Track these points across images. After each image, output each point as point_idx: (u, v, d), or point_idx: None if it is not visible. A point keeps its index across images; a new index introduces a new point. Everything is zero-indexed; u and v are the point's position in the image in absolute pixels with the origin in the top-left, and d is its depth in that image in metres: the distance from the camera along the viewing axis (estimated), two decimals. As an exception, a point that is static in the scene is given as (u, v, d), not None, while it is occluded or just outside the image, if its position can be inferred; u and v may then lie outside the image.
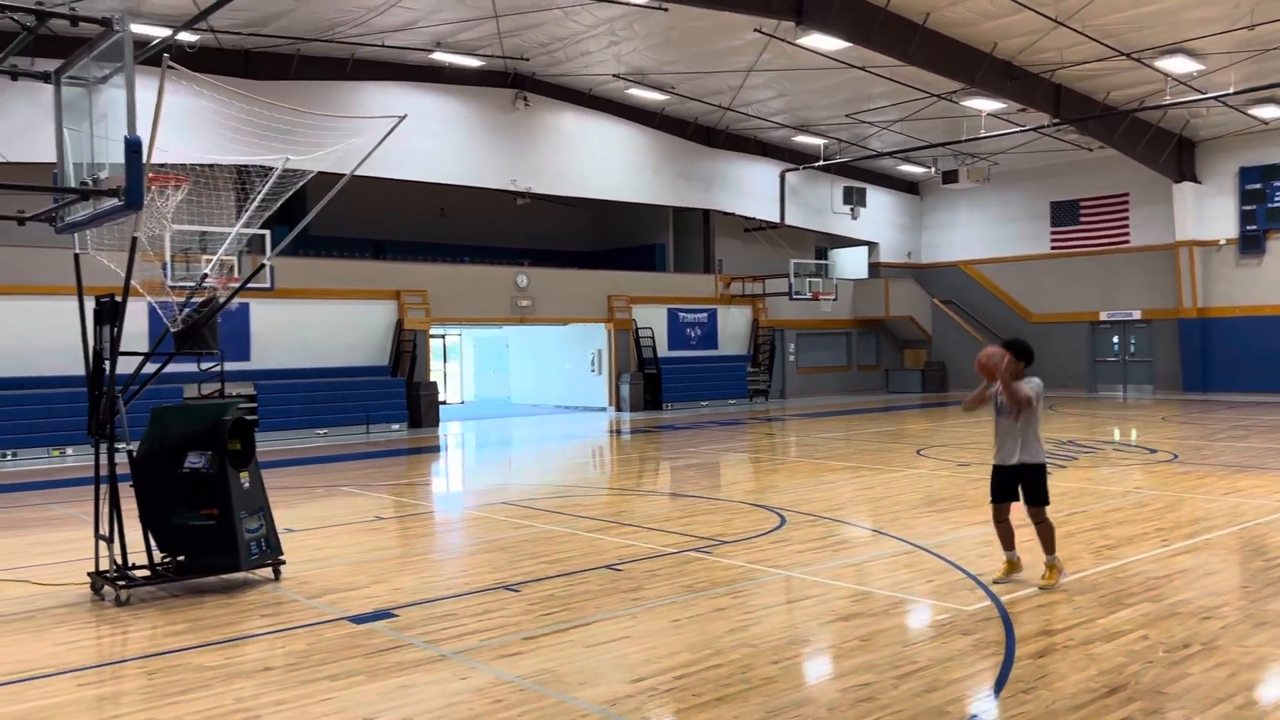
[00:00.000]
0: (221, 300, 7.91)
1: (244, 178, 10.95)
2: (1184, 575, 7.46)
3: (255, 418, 20.52)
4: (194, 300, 8.48)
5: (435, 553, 9.11)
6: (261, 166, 9.91)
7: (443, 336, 31.40)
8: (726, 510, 10.88)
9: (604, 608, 6.90)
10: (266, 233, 19.83)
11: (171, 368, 20.06)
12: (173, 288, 8.68)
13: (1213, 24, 19.77)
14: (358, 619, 6.73)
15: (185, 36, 18.71)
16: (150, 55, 17.89)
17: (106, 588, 7.37)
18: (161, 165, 8.96)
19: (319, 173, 9.79)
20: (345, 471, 15.17)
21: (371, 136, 24.22)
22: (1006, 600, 6.80)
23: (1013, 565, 7.32)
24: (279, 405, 20.82)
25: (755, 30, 20.75)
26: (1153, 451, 15.49)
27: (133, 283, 7.82)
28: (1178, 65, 21.69)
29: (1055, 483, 12.13)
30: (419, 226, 28.36)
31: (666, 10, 19.58)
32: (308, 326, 22.03)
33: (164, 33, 17.51)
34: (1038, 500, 7.16)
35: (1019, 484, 7.20)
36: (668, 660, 5.72)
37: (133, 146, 6.56)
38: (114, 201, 6.81)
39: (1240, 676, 5.24)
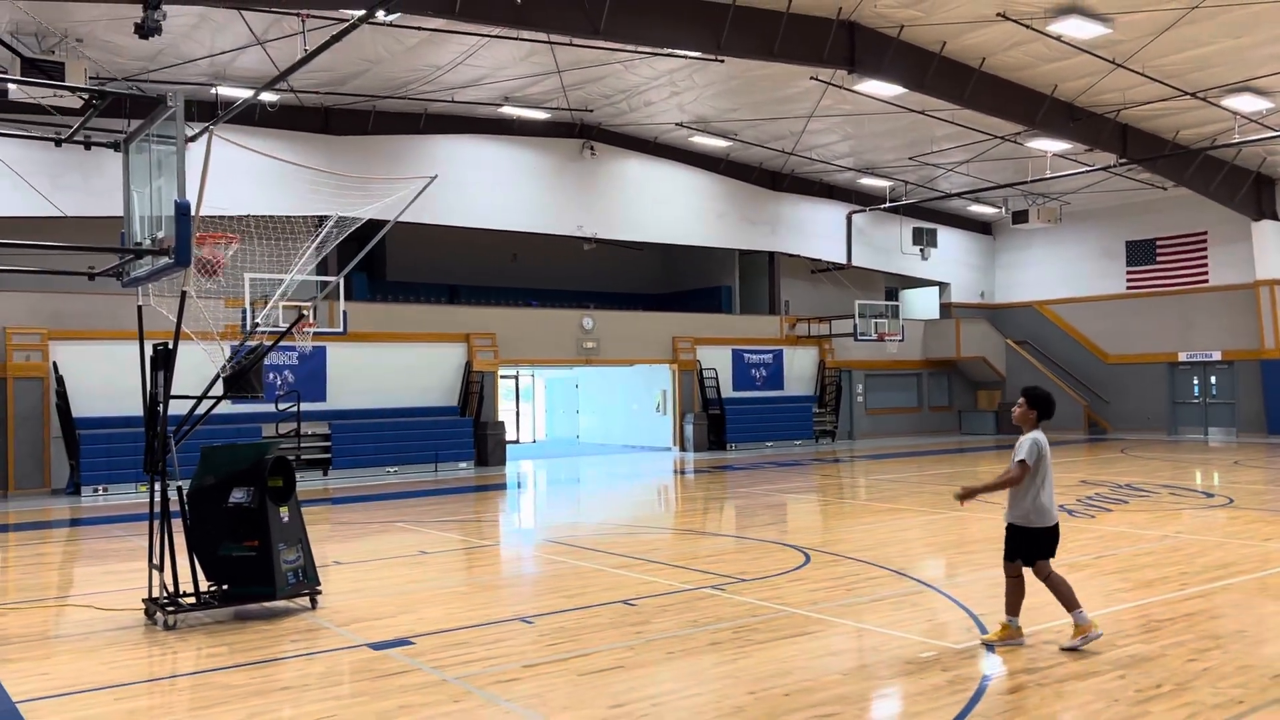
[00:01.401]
0: (267, 346, 8.55)
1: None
2: (1188, 619, 7.49)
3: (327, 456, 21.43)
4: (255, 343, 9.16)
5: (465, 586, 9.57)
6: (317, 218, 10.52)
7: (515, 377, 32.20)
8: (756, 549, 11.14)
9: (607, 640, 7.25)
10: (340, 279, 20.89)
11: (253, 408, 21.15)
12: (251, 332, 9.42)
13: (1279, 62, 19.48)
14: (377, 645, 7.20)
15: (267, 96, 19.92)
16: (235, 115, 19.14)
17: (158, 613, 7.99)
18: (222, 218, 9.73)
19: (398, 222, 10.47)
20: (406, 508, 15.80)
21: (454, 188, 25.39)
22: (983, 639, 6.95)
23: (1008, 631, 6.86)
24: (352, 444, 21.71)
25: (812, 78, 21.14)
26: (1209, 495, 15.20)
27: (205, 331, 8.58)
28: (1245, 103, 21.37)
29: (1094, 526, 12.13)
30: (492, 272, 29.31)
31: (723, 62, 20.16)
32: (381, 369, 22.95)
33: (247, 93, 18.67)
34: (1006, 554, 6.89)
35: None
36: (651, 689, 6.05)
37: (181, 209, 7.27)
38: (167, 259, 7.54)
39: (1201, 717, 5.34)
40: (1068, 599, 6.70)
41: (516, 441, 31.62)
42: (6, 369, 19.01)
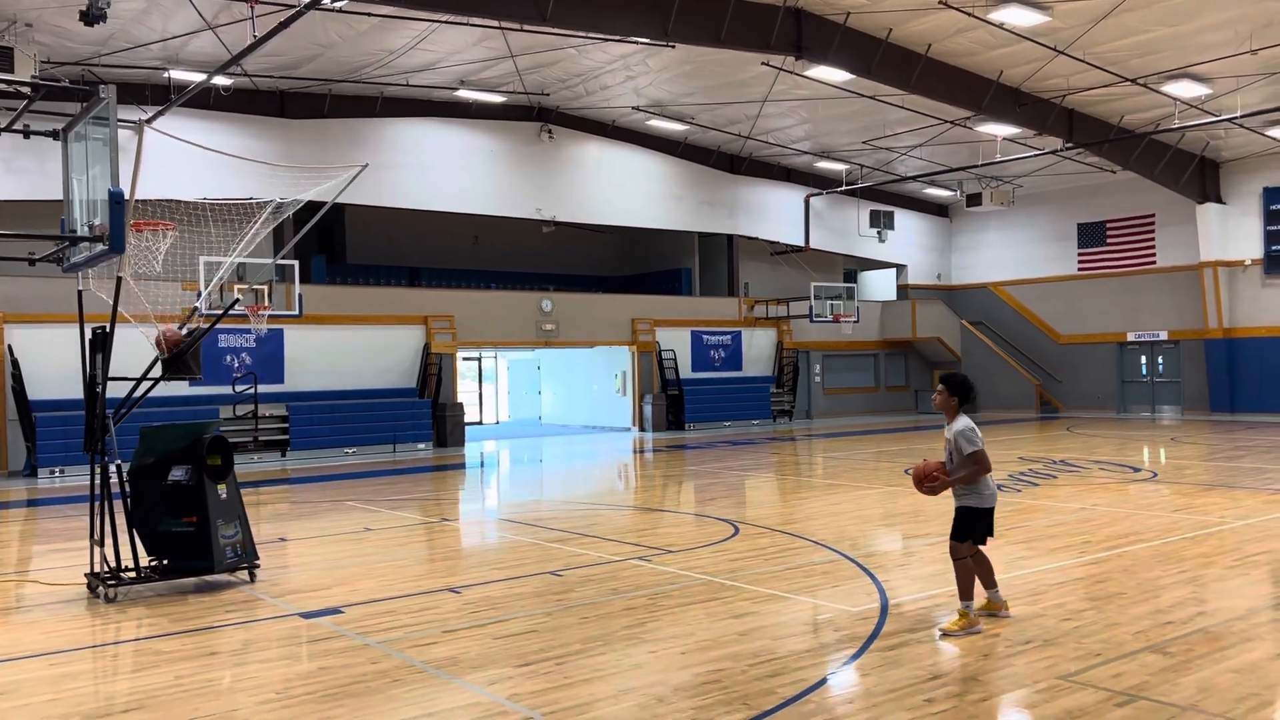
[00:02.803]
0: (203, 329, 8.83)
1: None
2: (1077, 583, 7.97)
3: (285, 437, 21.66)
4: (194, 325, 9.41)
5: (402, 560, 9.91)
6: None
7: (478, 359, 32.46)
8: (688, 523, 11.56)
9: (528, 607, 7.64)
10: (295, 263, 21.11)
11: (208, 390, 21.31)
12: (190, 315, 9.68)
13: (1217, 49, 19.97)
14: (307, 614, 7.55)
15: (220, 81, 20.00)
16: (191, 98, 19.24)
17: (100, 587, 8.29)
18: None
19: (358, 206, 10.69)
20: (359, 488, 16.10)
21: (412, 171, 25.41)
22: (894, 603, 7.40)
23: (992, 605, 6.88)
24: (310, 425, 21.93)
25: (763, 64, 21.46)
26: (1136, 470, 15.78)
27: (143, 314, 8.86)
28: (1185, 89, 21.90)
29: (1017, 500, 12.62)
30: (453, 254, 29.52)
31: (674, 47, 20.42)
32: (339, 351, 23.17)
33: (200, 77, 18.76)
34: (953, 534, 6.82)
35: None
36: (558, 650, 6.44)
37: (115, 198, 7.53)
38: (102, 246, 7.80)
39: (1058, 668, 5.80)
40: (968, 587, 6.74)
41: (480, 423, 31.93)
42: (-39, 352, 19.11)
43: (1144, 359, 30.73)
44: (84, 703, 5.62)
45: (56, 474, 18.64)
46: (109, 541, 8.31)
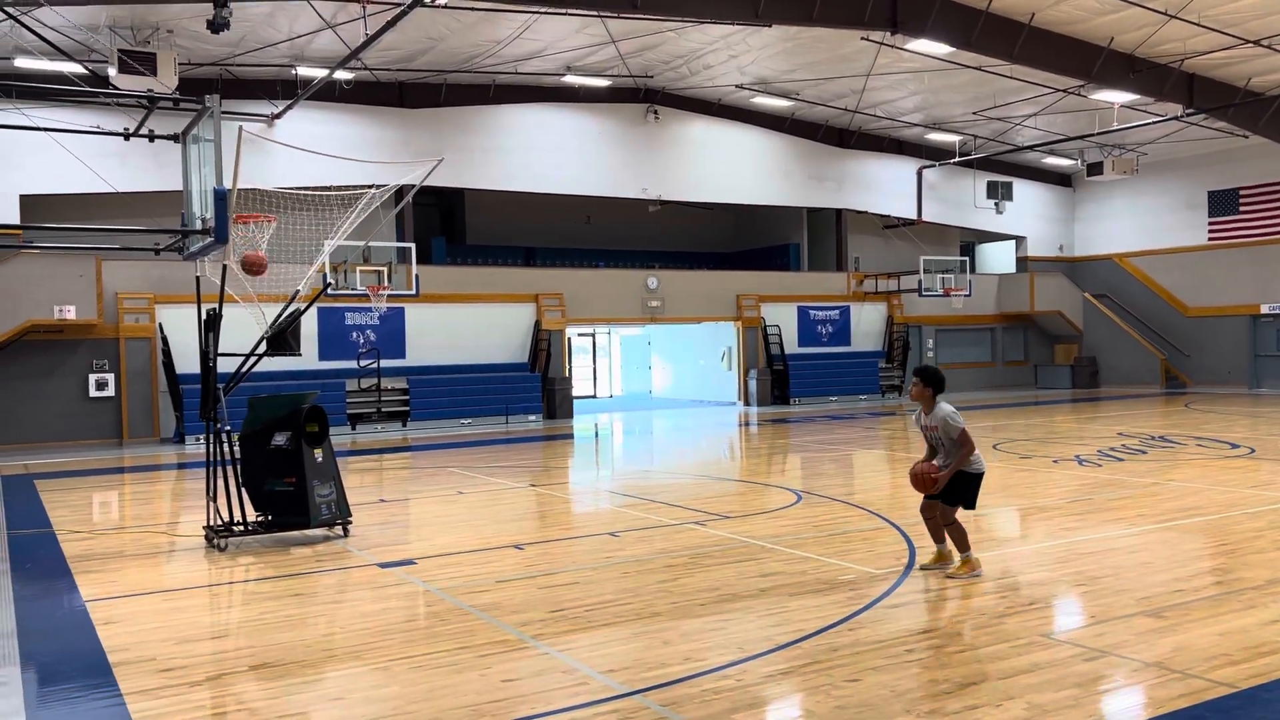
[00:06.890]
0: (301, 309, 9.84)
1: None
2: (1109, 553, 8.19)
3: (406, 409, 23.06)
4: (296, 305, 10.46)
5: (481, 519, 10.78)
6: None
7: (591, 335, 33.47)
8: (757, 492, 12.09)
9: (579, 562, 8.37)
10: (413, 246, 22.40)
11: (335, 364, 22.83)
12: (294, 296, 10.74)
13: (1345, 5, 19.03)
14: (384, 564, 8.48)
15: (342, 75, 21.35)
16: (316, 92, 20.60)
17: (214, 538, 9.43)
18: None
19: (474, 190, 11.55)
20: (464, 456, 17.18)
21: (524, 155, 26.39)
22: (919, 568, 7.80)
23: (942, 555, 7.61)
24: (429, 397, 23.30)
25: (863, 38, 21.50)
26: (1234, 446, 15.43)
27: (247, 295, 9.96)
28: (1313, 49, 20.89)
29: (1094, 474, 12.67)
30: (566, 234, 30.50)
31: (772, 26, 20.69)
32: (456, 327, 24.45)
33: (324, 73, 20.10)
34: (947, 499, 7.37)
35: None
36: (593, 599, 7.14)
37: (219, 195, 8.58)
38: (210, 237, 8.87)
39: (1044, 627, 6.16)
40: (962, 540, 7.43)
41: (594, 396, 32.95)
42: (119, 330, 21.09)
43: (1278, 332, 29.31)
44: (182, 630, 6.63)
45: (202, 441, 20.38)
46: (222, 499, 9.44)
